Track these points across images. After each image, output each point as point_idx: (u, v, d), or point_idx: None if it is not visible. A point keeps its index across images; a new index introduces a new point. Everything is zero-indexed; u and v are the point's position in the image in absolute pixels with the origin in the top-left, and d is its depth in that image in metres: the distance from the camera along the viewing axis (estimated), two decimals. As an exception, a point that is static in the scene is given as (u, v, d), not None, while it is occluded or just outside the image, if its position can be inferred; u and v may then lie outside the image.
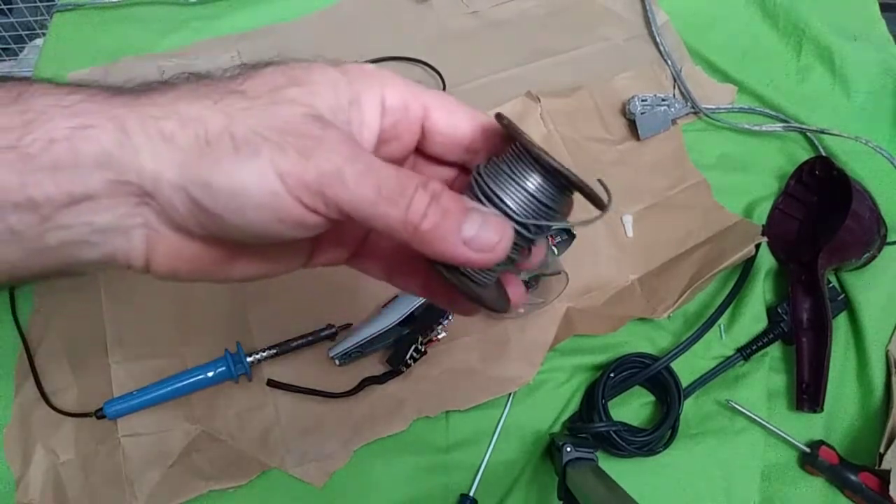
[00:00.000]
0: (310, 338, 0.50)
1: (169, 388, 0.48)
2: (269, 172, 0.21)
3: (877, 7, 0.68)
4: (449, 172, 0.28)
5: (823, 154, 0.60)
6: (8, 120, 0.20)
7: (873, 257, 0.53)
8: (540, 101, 0.60)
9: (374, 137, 0.26)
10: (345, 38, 0.68)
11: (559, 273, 0.46)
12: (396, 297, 0.51)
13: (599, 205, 0.24)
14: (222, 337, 0.50)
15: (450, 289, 0.25)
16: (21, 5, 1.41)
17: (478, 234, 0.23)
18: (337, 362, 0.49)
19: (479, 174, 0.25)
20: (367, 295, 0.52)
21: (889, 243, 0.54)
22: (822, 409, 0.48)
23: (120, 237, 0.22)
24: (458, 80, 0.64)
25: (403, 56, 0.66)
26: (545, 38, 0.67)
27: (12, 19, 1.45)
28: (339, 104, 0.25)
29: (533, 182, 0.24)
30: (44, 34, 0.83)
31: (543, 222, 0.24)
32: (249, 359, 0.49)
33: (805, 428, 0.49)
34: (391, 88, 0.26)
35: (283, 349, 0.50)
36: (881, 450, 0.46)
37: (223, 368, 0.48)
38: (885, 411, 0.48)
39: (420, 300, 0.50)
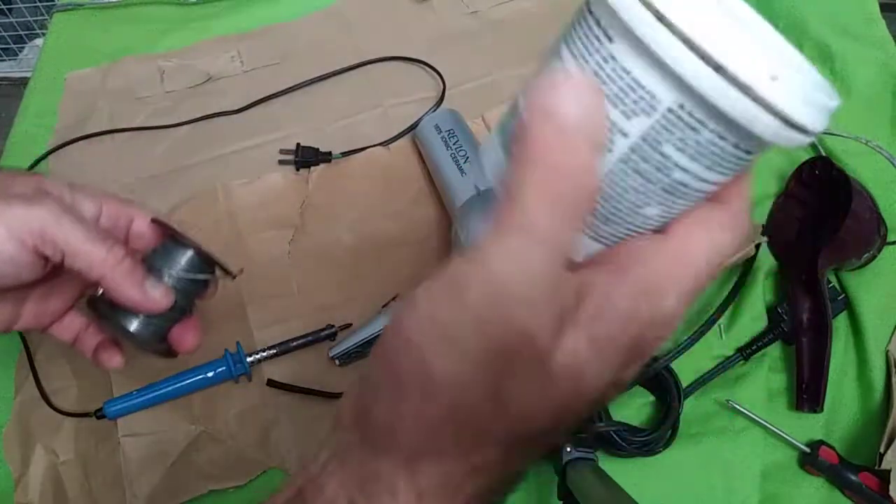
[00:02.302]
0: (310, 338, 0.50)
1: (169, 388, 0.48)
2: None
3: (877, 7, 0.68)
4: None
5: (823, 154, 0.60)
6: None
7: (873, 257, 0.53)
8: (540, 101, 0.60)
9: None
10: (345, 38, 0.68)
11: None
12: (396, 297, 0.51)
13: (226, 270, 0.38)
14: (222, 337, 0.50)
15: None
16: (21, 5, 1.41)
17: (154, 287, 0.34)
18: (337, 362, 0.49)
19: (148, 255, 0.37)
20: (367, 295, 0.52)
21: (889, 243, 0.54)
22: (822, 409, 0.48)
23: None
24: (458, 80, 0.64)
25: (403, 56, 0.66)
26: (545, 38, 0.66)
27: (12, 19, 1.45)
28: (62, 193, 0.34)
29: (177, 259, 0.36)
30: (43, 34, 0.83)
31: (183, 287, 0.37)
32: (249, 359, 0.49)
33: (805, 428, 0.49)
34: (107, 200, 0.36)
35: (284, 349, 0.50)
36: (881, 450, 0.46)
37: (223, 368, 0.48)
38: (885, 411, 0.48)
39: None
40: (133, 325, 0.36)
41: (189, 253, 0.37)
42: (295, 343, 0.50)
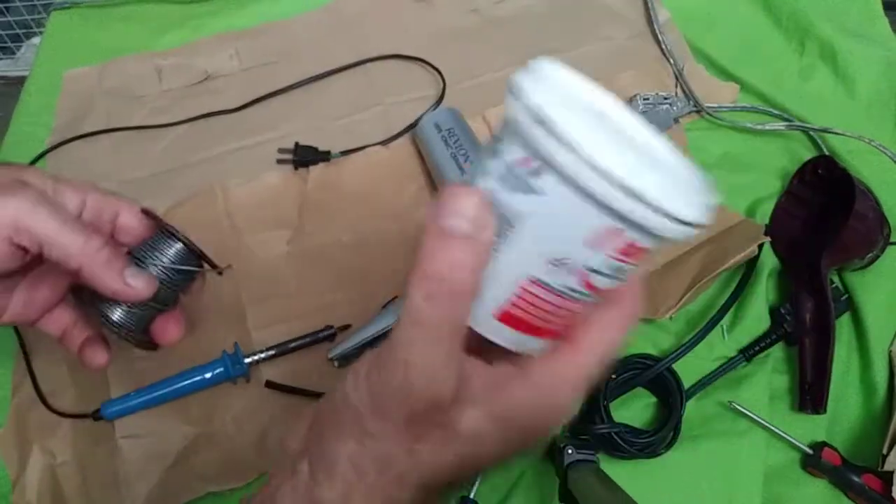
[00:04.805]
0: (309, 339, 0.50)
1: (167, 390, 0.47)
2: None
3: (880, 5, 0.68)
4: None
5: (827, 153, 0.59)
6: None
7: (876, 258, 0.53)
8: (541, 99, 0.60)
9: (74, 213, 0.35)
10: (344, 36, 0.67)
11: None
12: (396, 297, 0.51)
13: (213, 265, 0.39)
14: (220, 338, 0.50)
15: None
16: (18, 4, 1.40)
17: (135, 277, 0.34)
18: (336, 364, 0.48)
19: (135, 247, 0.37)
20: (366, 296, 0.52)
21: (892, 243, 0.53)
22: (824, 411, 0.48)
23: None
24: (459, 79, 0.63)
25: (403, 54, 0.65)
26: (546, 36, 0.67)
27: (10, 18, 1.45)
28: (44, 184, 0.34)
29: (164, 251, 0.37)
30: (41, 33, 0.83)
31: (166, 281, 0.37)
32: (247, 360, 0.48)
33: (808, 429, 0.49)
34: (92, 193, 0.36)
35: (282, 350, 0.49)
36: (884, 451, 0.46)
37: (221, 370, 0.48)
38: (888, 413, 0.48)
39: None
40: (115, 315, 0.36)
41: (177, 245, 0.37)
42: (294, 344, 0.49)
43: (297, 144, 0.59)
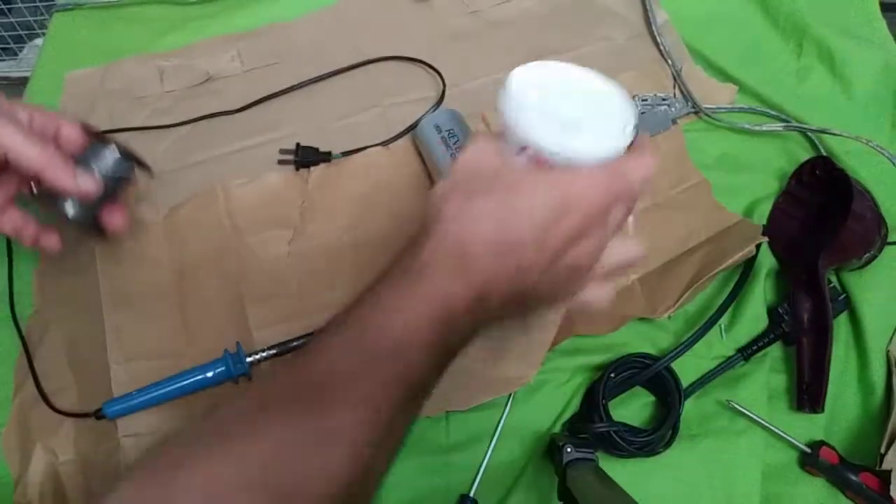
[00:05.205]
0: (309, 338, 0.50)
1: (168, 389, 0.48)
2: None
3: (877, 6, 0.68)
4: None
5: (824, 154, 0.60)
6: None
7: (874, 257, 0.53)
8: (540, 100, 0.60)
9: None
10: (344, 37, 0.68)
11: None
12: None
13: (145, 165, 0.48)
14: (222, 337, 0.50)
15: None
16: (21, 5, 1.41)
17: (82, 176, 0.43)
18: (337, 362, 0.49)
19: (78, 155, 0.45)
20: (366, 295, 0.52)
21: (890, 243, 0.54)
22: (822, 410, 0.48)
23: None
24: (458, 80, 0.64)
25: (403, 56, 0.66)
26: (545, 37, 0.67)
27: (12, 19, 1.45)
28: (2, 104, 0.42)
29: (104, 156, 0.45)
30: (43, 34, 0.83)
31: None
32: (249, 359, 0.49)
33: (806, 428, 0.49)
34: (35, 110, 0.44)
35: (283, 350, 0.49)
36: (882, 450, 0.46)
37: (223, 369, 0.48)
38: (886, 411, 0.48)
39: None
40: (71, 211, 0.45)
41: (113, 150, 0.45)
42: (295, 343, 0.50)
43: (298, 145, 0.59)
